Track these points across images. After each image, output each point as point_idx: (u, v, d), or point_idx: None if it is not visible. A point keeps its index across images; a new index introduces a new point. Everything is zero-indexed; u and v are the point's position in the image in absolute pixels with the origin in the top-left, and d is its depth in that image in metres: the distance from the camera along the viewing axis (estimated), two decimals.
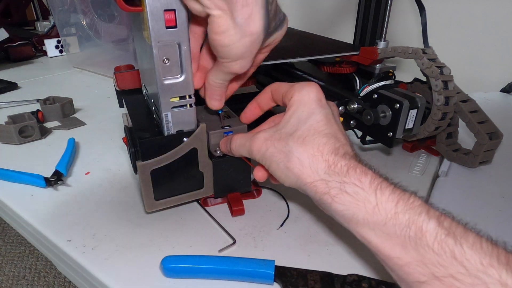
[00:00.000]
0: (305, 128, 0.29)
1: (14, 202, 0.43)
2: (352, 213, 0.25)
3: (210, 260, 0.33)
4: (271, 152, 0.30)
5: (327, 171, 0.27)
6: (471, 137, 0.49)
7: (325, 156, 0.27)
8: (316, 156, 0.28)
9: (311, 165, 0.27)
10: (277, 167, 0.30)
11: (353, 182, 0.25)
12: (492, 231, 0.38)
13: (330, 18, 1.04)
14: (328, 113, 0.30)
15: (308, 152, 0.28)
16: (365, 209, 0.24)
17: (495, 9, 0.77)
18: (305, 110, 0.30)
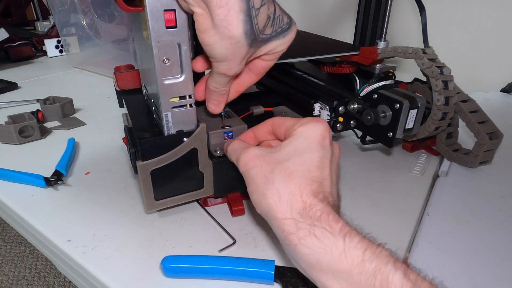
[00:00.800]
0: (296, 162, 0.28)
1: (14, 202, 0.43)
2: (317, 258, 0.24)
3: (210, 260, 0.33)
4: (255, 172, 0.29)
5: (301, 212, 0.26)
6: (471, 137, 0.49)
7: (303, 197, 0.26)
8: (295, 194, 0.27)
9: (288, 201, 0.27)
10: (255, 189, 0.29)
11: (323, 226, 0.24)
12: (492, 231, 0.38)
13: (330, 18, 1.04)
14: (325, 156, 0.29)
15: (290, 188, 0.27)
16: (331, 255, 0.23)
17: (495, 9, 0.77)
18: (304, 143, 0.29)
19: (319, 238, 0.24)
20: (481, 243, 0.37)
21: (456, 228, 0.39)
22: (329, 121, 0.46)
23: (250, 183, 0.30)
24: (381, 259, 0.22)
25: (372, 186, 0.46)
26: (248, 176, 0.30)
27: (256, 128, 0.36)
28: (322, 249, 0.24)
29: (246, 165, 0.30)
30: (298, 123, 0.31)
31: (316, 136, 0.29)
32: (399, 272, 0.21)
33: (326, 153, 0.29)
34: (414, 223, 0.40)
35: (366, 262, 0.22)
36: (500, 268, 0.34)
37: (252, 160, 0.30)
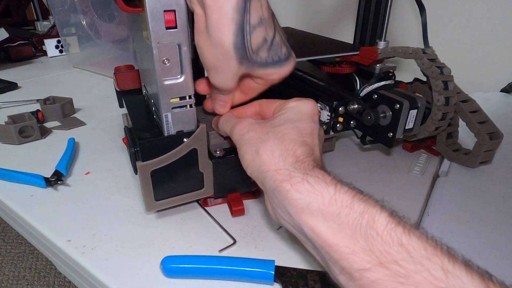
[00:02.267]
0: (290, 127, 0.30)
1: (14, 202, 0.43)
2: (308, 202, 0.25)
3: (210, 260, 0.33)
4: (250, 136, 0.30)
5: (294, 164, 0.27)
6: (471, 137, 0.49)
7: (296, 153, 0.28)
8: (288, 150, 0.28)
9: (281, 155, 0.28)
10: (248, 149, 0.30)
11: (316, 175, 0.26)
12: (492, 231, 0.38)
13: (330, 18, 1.04)
14: (316, 129, 0.31)
15: (283, 145, 0.28)
16: (321, 199, 0.25)
17: (495, 9, 0.77)
18: (297, 114, 0.31)
19: (312, 184, 0.25)
20: (481, 243, 0.37)
21: (456, 228, 0.39)
22: (329, 121, 0.46)
23: (243, 145, 0.31)
24: (368, 202, 0.24)
25: (372, 186, 0.46)
26: (242, 140, 0.31)
27: (241, 108, 0.36)
28: (313, 193, 0.25)
29: (241, 131, 0.31)
30: (289, 100, 0.33)
31: (308, 110, 0.31)
32: (385, 213, 0.23)
33: (316, 127, 0.31)
34: (414, 223, 0.40)
35: (354, 204, 0.24)
36: (500, 268, 0.34)
37: (247, 127, 0.31)
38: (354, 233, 0.23)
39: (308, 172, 0.26)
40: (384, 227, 0.22)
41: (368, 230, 0.22)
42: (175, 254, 0.34)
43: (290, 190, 0.26)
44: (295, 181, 0.26)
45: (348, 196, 0.24)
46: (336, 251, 0.23)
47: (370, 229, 0.22)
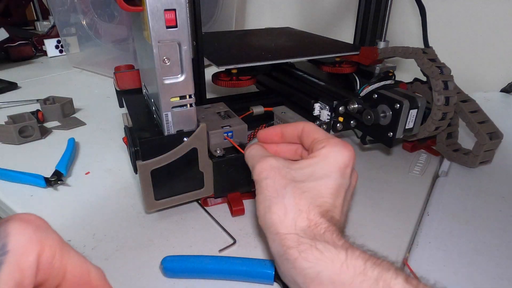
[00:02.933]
0: (311, 185, 0.27)
1: (14, 202, 0.43)
2: (317, 271, 0.23)
3: (210, 260, 0.33)
4: (267, 184, 0.28)
5: (305, 229, 0.25)
6: (471, 137, 0.49)
7: (310, 216, 0.26)
8: (302, 212, 0.26)
9: (294, 218, 0.26)
10: (262, 200, 0.28)
11: (325, 240, 0.24)
12: (492, 231, 0.38)
13: (330, 18, 1.04)
14: (342, 185, 0.28)
15: (298, 206, 0.26)
16: (332, 267, 0.23)
17: (495, 9, 0.77)
18: (324, 168, 0.28)
19: (321, 251, 0.23)
20: (481, 243, 0.37)
21: (456, 228, 0.39)
22: (329, 121, 0.46)
23: (259, 193, 0.29)
24: (383, 266, 0.22)
25: (372, 186, 0.46)
26: (259, 185, 0.29)
27: (285, 126, 0.34)
28: (323, 261, 0.23)
29: (260, 174, 0.29)
30: (325, 141, 0.29)
31: (339, 163, 0.28)
32: (400, 277, 0.21)
33: (344, 183, 0.28)
34: (414, 223, 0.40)
35: (368, 270, 0.22)
36: (500, 268, 0.34)
37: (267, 171, 0.29)
38: None
39: (318, 238, 0.24)
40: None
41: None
42: (175, 254, 0.34)
43: (298, 259, 0.24)
44: (303, 248, 0.24)
45: (361, 262, 0.22)
46: None
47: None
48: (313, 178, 0.28)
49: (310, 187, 0.27)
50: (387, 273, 0.21)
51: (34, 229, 0.18)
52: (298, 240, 0.24)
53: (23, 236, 0.17)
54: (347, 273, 0.22)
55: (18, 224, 0.18)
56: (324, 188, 0.27)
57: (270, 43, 0.61)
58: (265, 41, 0.64)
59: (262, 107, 0.50)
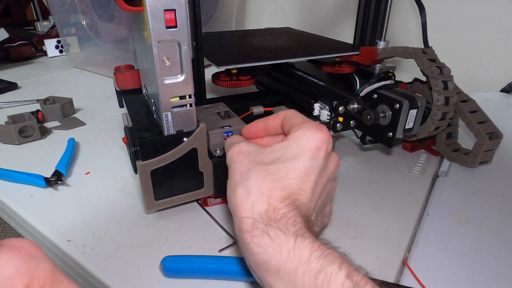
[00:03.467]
0: (277, 168, 0.27)
1: (14, 202, 0.43)
2: (266, 258, 0.23)
3: (210, 260, 0.33)
4: (234, 167, 0.28)
5: (262, 213, 0.25)
6: (471, 137, 0.49)
7: (270, 200, 0.25)
8: (263, 195, 0.26)
9: (254, 201, 0.25)
10: (229, 184, 0.28)
11: (279, 227, 0.24)
12: (492, 231, 0.38)
13: (330, 18, 1.04)
14: (312, 168, 0.27)
15: (260, 190, 0.26)
16: (280, 255, 0.22)
17: (495, 9, 0.77)
18: (294, 151, 0.28)
19: (272, 237, 0.23)
20: (481, 243, 0.37)
21: (456, 228, 0.39)
22: (329, 121, 0.46)
23: (229, 177, 0.29)
24: (327, 258, 0.22)
25: (372, 186, 0.46)
26: (229, 170, 0.30)
27: (267, 119, 0.34)
28: (272, 248, 0.23)
29: (230, 159, 0.30)
30: (300, 125, 0.29)
31: (310, 145, 0.28)
32: (343, 272, 0.21)
33: (315, 166, 0.28)
34: (414, 223, 0.40)
35: (312, 262, 0.21)
36: (500, 268, 0.34)
37: (236, 155, 0.29)
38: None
39: (272, 223, 0.24)
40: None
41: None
42: (175, 254, 0.34)
43: (250, 243, 0.24)
44: (256, 234, 0.24)
45: (307, 251, 0.22)
46: None
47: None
48: (281, 160, 0.28)
49: (276, 169, 0.27)
50: (330, 266, 0.21)
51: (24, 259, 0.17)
52: (253, 225, 0.24)
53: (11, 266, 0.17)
54: (293, 262, 0.22)
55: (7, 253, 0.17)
56: (291, 170, 0.27)
57: (270, 43, 0.61)
58: (265, 41, 0.64)
59: (262, 107, 0.50)
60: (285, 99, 0.55)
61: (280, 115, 0.33)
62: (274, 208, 0.25)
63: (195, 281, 0.32)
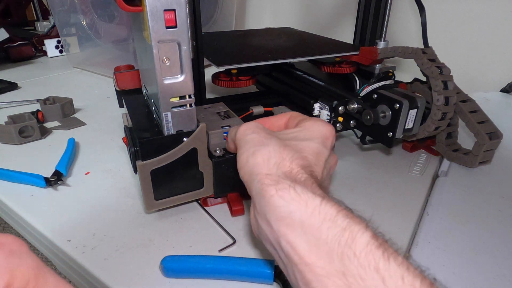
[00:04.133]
0: (294, 143, 0.28)
1: (14, 202, 0.43)
2: (290, 210, 0.23)
3: (210, 260, 0.33)
4: (252, 137, 0.29)
5: (285, 173, 0.25)
6: (471, 137, 0.49)
7: (292, 165, 0.26)
8: (285, 160, 0.26)
9: (276, 163, 0.26)
10: (246, 150, 0.28)
11: (304, 185, 0.24)
12: (492, 231, 0.38)
13: (330, 18, 1.04)
14: (323, 153, 0.29)
15: (281, 154, 0.26)
16: (305, 209, 0.23)
17: (495, 9, 0.78)
18: (307, 134, 0.30)
19: (298, 192, 0.23)
20: (480, 243, 0.37)
21: (455, 228, 0.39)
22: (329, 121, 0.46)
23: (242, 146, 0.29)
24: (353, 219, 0.22)
25: (372, 186, 0.46)
26: (243, 140, 0.29)
27: (274, 117, 0.35)
28: (297, 202, 0.23)
29: (245, 131, 0.30)
30: (309, 118, 0.32)
31: (321, 132, 0.30)
32: (369, 232, 0.21)
33: (325, 151, 0.29)
34: (414, 223, 0.40)
35: (338, 219, 0.22)
36: (500, 268, 0.34)
37: (252, 128, 0.30)
38: (331, 250, 0.21)
39: (297, 182, 0.24)
40: (363, 248, 0.20)
41: (346, 250, 0.20)
42: (175, 254, 0.34)
43: (274, 196, 0.24)
44: (281, 187, 0.24)
45: (333, 210, 0.22)
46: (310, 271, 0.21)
47: (348, 248, 0.20)
48: (296, 139, 0.29)
49: (293, 144, 0.28)
50: (356, 225, 0.21)
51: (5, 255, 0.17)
52: (278, 180, 0.25)
53: None
54: (318, 217, 0.22)
55: None
56: (306, 148, 0.28)
57: (270, 43, 0.61)
58: (265, 41, 0.64)
59: (262, 107, 0.50)
60: (285, 99, 0.55)
61: (286, 115, 0.34)
62: (297, 172, 0.26)
63: (195, 281, 0.32)
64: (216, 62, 0.48)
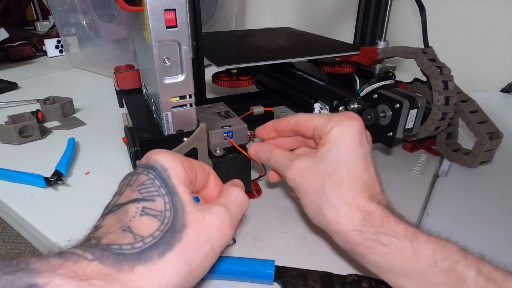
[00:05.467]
0: (344, 172, 0.28)
1: (14, 202, 0.43)
2: (389, 263, 0.24)
3: None
4: (305, 188, 0.29)
5: (362, 222, 0.26)
6: (471, 137, 0.49)
7: (361, 206, 0.27)
8: (351, 205, 0.27)
9: (347, 214, 0.27)
10: (309, 204, 0.29)
11: (387, 232, 0.25)
12: (492, 231, 0.38)
13: (330, 18, 1.04)
14: (367, 154, 0.29)
15: (344, 200, 0.27)
16: (402, 259, 0.24)
17: (495, 9, 0.78)
18: (345, 148, 0.28)
19: (386, 245, 0.25)
20: (481, 243, 0.37)
21: (456, 228, 0.39)
22: None
23: (302, 198, 0.30)
24: (452, 257, 0.23)
25: None
26: (298, 191, 0.30)
27: (277, 122, 0.35)
28: (392, 255, 0.24)
29: (294, 180, 0.30)
30: (329, 123, 0.30)
31: (354, 136, 0.29)
32: (473, 268, 0.22)
33: (367, 151, 0.29)
34: (414, 223, 0.40)
35: (438, 263, 0.23)
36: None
37: (299, 175, 0.30)
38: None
39: (379, 230, 0.25)
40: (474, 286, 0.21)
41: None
42: None
43: (367, 254, 0.26)
44: (369, 244, 0.25)
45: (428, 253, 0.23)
46: None
47: None
48: (340, 163, 0.28)
49: (343, 174, 0.28)
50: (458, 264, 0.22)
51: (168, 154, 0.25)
52: (362, 236, 0.26)
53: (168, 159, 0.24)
54: (418, 264, 0.23)
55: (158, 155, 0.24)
56: (355, 167, 0.28)
57: (270, 43, 0.61)
58: (265, 41, 0.64)
59: (262, 107, 0.50)
60: (285, 99, 0.55)
61: (290, 120, 0.33)
62: (368, 212, 0.26)
63: None
64: (216, 62, 0.48)
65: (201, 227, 0.23)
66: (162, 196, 0.23)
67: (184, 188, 0.24)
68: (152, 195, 0.22)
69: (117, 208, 0.23)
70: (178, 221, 0.22)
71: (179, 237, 0.21)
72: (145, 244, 0.20)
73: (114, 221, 0.22)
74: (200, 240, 0.22)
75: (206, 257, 0.23)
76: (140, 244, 0.20)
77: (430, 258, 0.23)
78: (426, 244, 0.24)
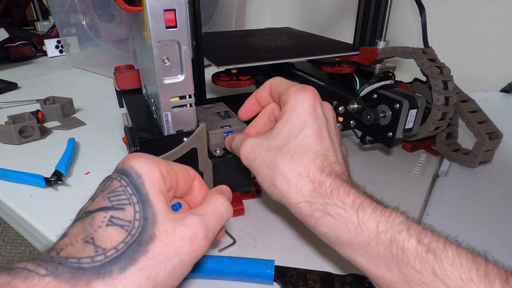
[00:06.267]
0: (295, 144, 0.28)
1: (14, 202, 0.43)
2: (336, 234, 0.25)
3: (210, 260, 0.33)
4: (258, 163, 0.30)
5: (312, 192, 0.26)
6: (471, 137, 0.49)
7: (311, 176, 0.27)
8: (302, 176, 0.27)
9: (297, 185, 0.27)
10: (263, 180, 0.29)
11: (335, 203, 0.25)
12: (492, 231, 0.38)
13: (330, 18, 1.04)
14: (321, 126, 0.29)
15: (295, 171, 0.27)
16: (348, 231, 0.24)
17: (495, 9, 0.78)
18: (297, 121, 0.29)
19: (334, 216, 0.25)
20: (481, 243, 0.37)
21: (456, 228, 0.39)
22: None
23: (256, 174, 0.30)
24: (394, 228, 0.23)
25: (372, 186, 0.46)
26: (252, 168, 0.31)
27: (257, 92, 0.35)
28: (339, 226, 0.24)
29: (247, 158, 0.31)
30: (287, 93, 0.30)
31: (307, 108, 0.29)
32: (413, 238, 0.22)
33: (321, 123, 0.29)
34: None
35: (381, 234, 0.23)
36: None
37: (252, 152, 0.30)
38: (387, 261, 0.22)
39: (327, 201, 0.25)
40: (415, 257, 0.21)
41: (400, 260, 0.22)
42: None
43: (316, 225, 0.26)
44: (318, 215, 0.26)
45: (372, 224, 0.23)
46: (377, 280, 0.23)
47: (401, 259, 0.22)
48: (293, 136, 0.29)
49: (294, 146, 0.28)
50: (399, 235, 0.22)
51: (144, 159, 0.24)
52: (311, 207, 0.26)
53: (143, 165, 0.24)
54: (362, 235, 0.23)
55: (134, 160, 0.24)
56: (306, 138, 0.28)
57: (270, 43, 0.61)
58: (265, 41, 0.64)
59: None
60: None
61: (267, 85, 0.34)
62: (319, 183, 0.26)
63: (195, 281, 0.32)
64: (216, 62, 0.48)
65: (170, 240, 0.22)
66: (133, 204, 0.22)
67: (158, 196, 0.23)
68: (122, 203, 0.22)
69: (85, 215, 0.22)
70: (147, 233, 0.21)
71: (145, 250, 0.21)
72: (106, 258, 0.19)
73: (79, 231, 0.21)
74: (167, 253, 0.21)
75: (173, 272, 0.22)
76: (101, 258, 0.19)
77: (374, 229, 0.23)
78: (371, 215, 0.24)
